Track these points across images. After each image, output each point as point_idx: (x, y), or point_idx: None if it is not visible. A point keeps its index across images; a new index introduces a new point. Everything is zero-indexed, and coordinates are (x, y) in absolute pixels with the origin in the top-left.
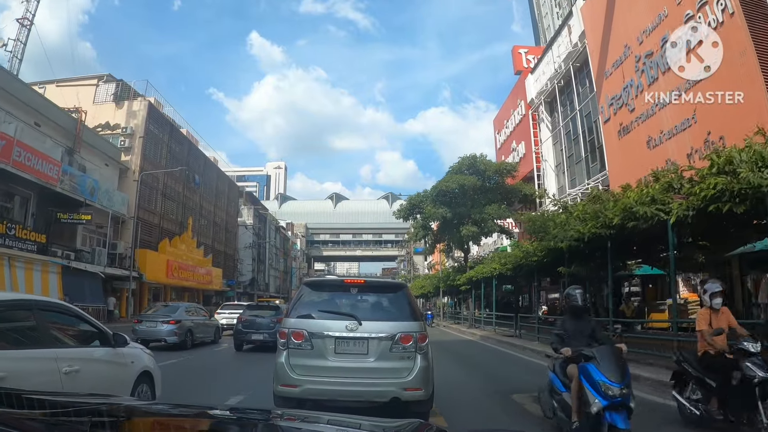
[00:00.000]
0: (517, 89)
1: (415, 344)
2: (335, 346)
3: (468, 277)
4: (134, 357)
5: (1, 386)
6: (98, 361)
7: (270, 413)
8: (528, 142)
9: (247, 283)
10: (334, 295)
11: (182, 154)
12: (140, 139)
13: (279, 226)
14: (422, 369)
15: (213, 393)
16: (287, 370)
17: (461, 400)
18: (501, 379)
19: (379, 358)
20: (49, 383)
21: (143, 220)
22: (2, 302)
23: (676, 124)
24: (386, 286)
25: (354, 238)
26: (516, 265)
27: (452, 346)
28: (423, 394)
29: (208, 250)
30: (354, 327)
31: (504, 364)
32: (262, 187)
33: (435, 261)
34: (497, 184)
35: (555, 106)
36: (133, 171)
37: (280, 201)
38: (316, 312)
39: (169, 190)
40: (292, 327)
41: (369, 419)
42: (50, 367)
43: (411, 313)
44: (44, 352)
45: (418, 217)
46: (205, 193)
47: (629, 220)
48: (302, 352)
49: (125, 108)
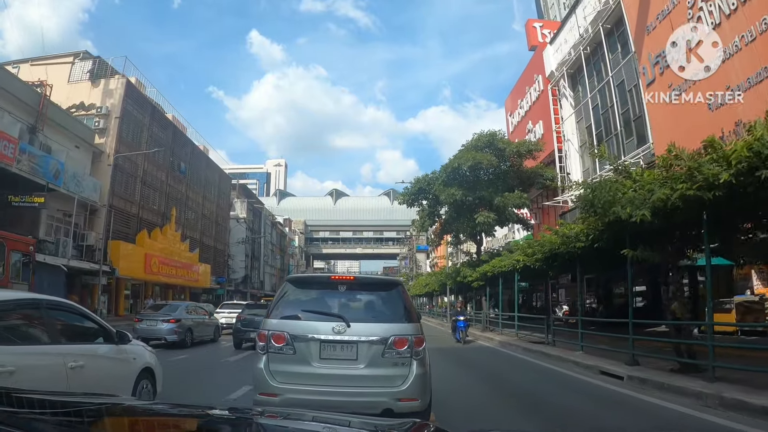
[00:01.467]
0: (533, 64)
1: (410, 349)
2: (320, 350)
3: (482, 271)
4: (136, 354)
5: (1, 386)
6: (102, 357)
7: (258, 412)
8: (547, 121)
9: (239, 280)
10: (320, 293)
11: (166, 139)
12: (116, 119)
13: (276, 222)
14: (418, 377)
15: (213, 389)
16: (266, 377)
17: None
18: (559, 412)
19: (369, 364)
20: (55, 378)
21: (118, 209)
22: (12, 300)
23: (750, 76)
24: (378, 283)
25: (354, 235)
26: (550, 254)
27: (468, 356)
28: (419, 405)
29: (194, 245)
30: (341, 329)
31: (548, 385)
32: (262, 185)
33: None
34: (514, 168)
35: (579, 78)
36: (107, 155)
37: (278, 197)
38: (299, 312)
39: (150, 178)
40: (272, 329)
41: (360, 417)
42: (57, 362)
43: (406, 314)
44: (51, 348)
45: (425, 203)
46: (193, 183)
47: (761, 167)
48: (283, 357)
49: (101, 86)
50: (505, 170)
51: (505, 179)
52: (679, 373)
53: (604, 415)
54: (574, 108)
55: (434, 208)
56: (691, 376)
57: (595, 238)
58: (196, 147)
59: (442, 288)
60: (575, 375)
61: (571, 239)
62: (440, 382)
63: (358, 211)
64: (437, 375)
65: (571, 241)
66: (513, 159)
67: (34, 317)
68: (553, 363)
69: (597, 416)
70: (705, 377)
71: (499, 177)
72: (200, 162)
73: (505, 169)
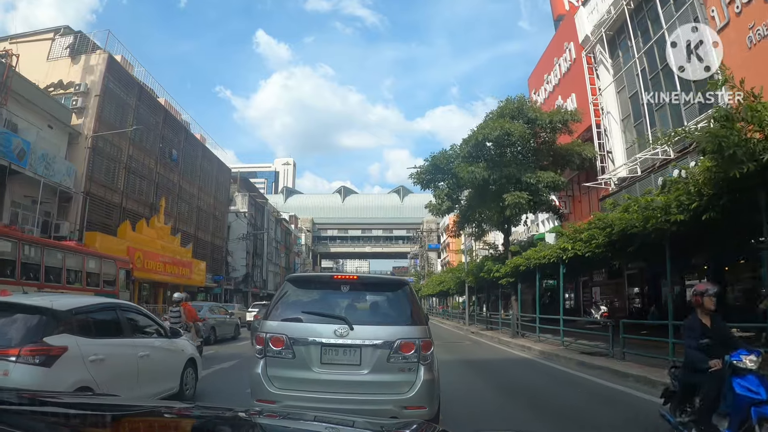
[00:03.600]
0: (563, 32)
1: (417, 353)
2: (321, 354)
3: (514, 265)
4: (184, 347)
5: (2, 386)
6: (160, 348)
7: (257, 411)
8: (581, 93)
9: (240, 279)
10: (322, 293)
11: (155, 123)
12: (96, 98)
13: (281, 219)
14: (426, 383)
15: (238, 379)
16: (264, 383)
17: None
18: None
19: (374, 369)
20: (129, 365)
21: (97, 197)
22: (98, 304)
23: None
24: (383, 283)
25: (363, 233)
26: (619, 237)
27: (504, 371)
28: (427, 413)
29: (187, 239)
30: (344, 332)
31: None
32: (270, 184)
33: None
34: (546, 144)
35: (620, 40)
36: (85, 136)
37: (285, 195)
38: (299, 314)
39: (136, 165)
40: (270, 331)
41: (364, 417)
42: (130, 352)
43: (413, 316)
44: (126, 341)
45: (442, 185)
46: (187, 172)
47: None
48: (282, 361)
49: (81, 63)
50: (534, 148)
51: (536, 158)
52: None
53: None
54: (614, 76)
55: (453, 190)
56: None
57: (705, 207)
58: (191, 134)
59: (459, 286)
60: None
61: (659, 212)
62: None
63: (366, 209)
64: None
65: (659, 215)
66: (544, 133)
67: (113, 317)
68: (638, 387)
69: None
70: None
71: (527, 155)
72: (195, 150)
73: (534, 146)
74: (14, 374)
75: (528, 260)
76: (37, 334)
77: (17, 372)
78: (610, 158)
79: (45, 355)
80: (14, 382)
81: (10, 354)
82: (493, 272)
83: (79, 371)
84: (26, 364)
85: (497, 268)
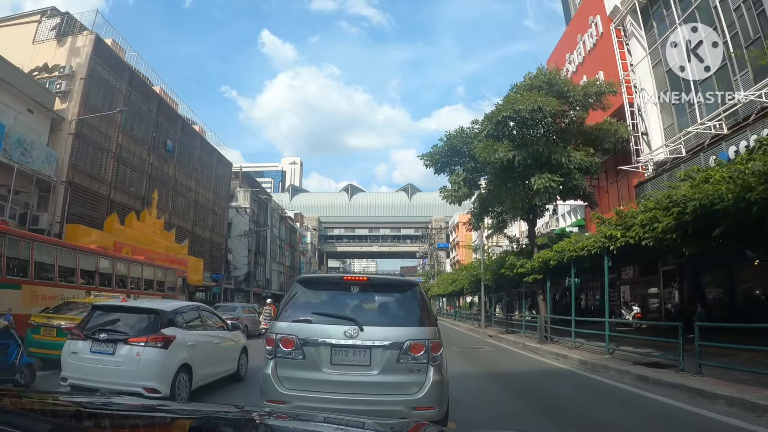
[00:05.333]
0: (587, 5)
1: (427, 354)
2: (331, 355)
3: (543, 259)
4: (240, 337)
5: (2, 386)
6: (225, 338)
7: (267, 412)
8: (610, 70)
9: (241, 278)
10: (332, 294)
11: (148, 111)
12: (81, 81)
13: (285, 216)
14: (435, 384)
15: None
16: (274, 384)
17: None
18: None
19: (383, 370)
20: (210, 350)
21: (82, 187)
22: (187, 305)
23: None
24: (393, 284)
25: (370, 233)
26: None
27: (545, 389)
28: (436, 414)
29: (183, 235)
30: (354, 333)
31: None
32: (277, 183)
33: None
34: (576, 123)
35: (654, 9)
36: (69, 122)
37: (291, 193)
38: (309, 315)
39: (127, 154)
40: (280, 332)
41: (374, 419)
42: (209, 340)
43: (422, 317)
44: (206, 333)
45: (458, 169)
46: (183, 165)
47: None
48: (292, 362)
49: (68, 45)
50: (561, 128)
51: (565, 138)
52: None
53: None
54: (648, 49)
55: (472, 174)
56: None
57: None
58: (188, 124)
59: (473, 285)
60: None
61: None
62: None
63: (374, 208)
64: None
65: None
66: (573, 112)
67: (196, 315)
68: (734, 413)
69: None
70: None
71: (551, 136)
72: (193, 142)
73: (564, 125)
74: (144, 354)
75: (560, 253)
76: (155, 327)
77: (146, 353)
78: (645, 140)
79: (163, 341)
80: (145, 359)
81: (140, 341)
82: (516, 268)
83: (183, 352)
84: (152, 347)
85: (522, 263)
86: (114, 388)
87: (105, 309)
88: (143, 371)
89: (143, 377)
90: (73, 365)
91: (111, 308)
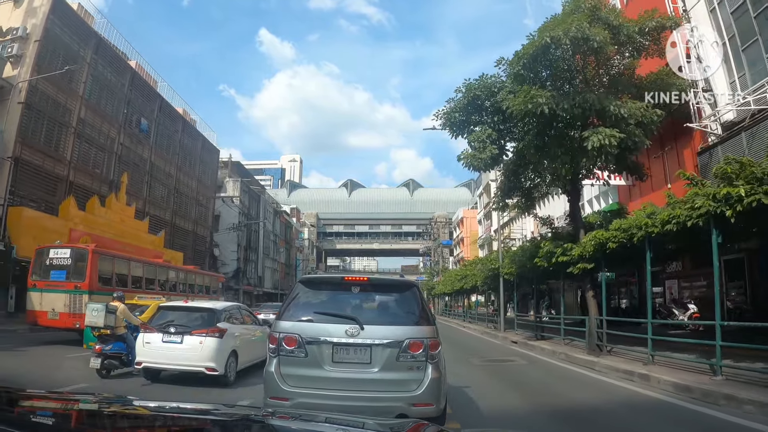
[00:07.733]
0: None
1: (425, 352)
2: (333, 353)
3: (599, 241)
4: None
5: (2, 386)
6: (258, 332)
7: (269, 412)
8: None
9: (230, 274)
10: (333, 294)
11: (119, 86)
12: (36, 43)
13: (280, 210)
14: (433, 381)
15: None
16: (277, 381)
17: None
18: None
19: (383, 368)
20: (248, 341)
21: (33, 165)
22: (232, 305)
23: None
24: (393, 284)
25: (371, 229)
26: None
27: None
28: (434, 410)
29: (160, 225)
30: (355, 332)
31: None
32: (276, 181)
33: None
34: (626, 74)
35: None
36: (20, 90)
37: (289, 189)
38: (311, 314)
39: (90, 131)
40: (283, 331)
41: (374, 419)
42: (248, 333)
43: (421, 316)
44: (245, 327)
45: (478, 129)
46: (161, 148)
47: None
48: (295, 360)
49: (24, 5)
50: (610, 76)
51: (614, 89)
52: None
53: None
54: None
55: (500, 133)
56: None
57: None
58: (167, 103)
59: (489, 281)
60: None
61: None
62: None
63: (374, 204)
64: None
65: None
66: (624, 54)
67: (238, 313)
68: None
69: None
70: None
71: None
72: (174, 124)
73: (614, 73)
74: (205, 342)
75: (625, 231)
76: (212, 321)
77: (207, 341)
78: (705, 98)
79: (219, 333)
80: (206, 346)
81: (203, 332)
82: (557, 256)
83: (233, 342)
84: (211, 337)
85: (565, 248)
86: (182, 369)
87: (167, 309)
88: (205, 355)
89: (205, 359)
90: (147, 352)
91: (172, 308)
